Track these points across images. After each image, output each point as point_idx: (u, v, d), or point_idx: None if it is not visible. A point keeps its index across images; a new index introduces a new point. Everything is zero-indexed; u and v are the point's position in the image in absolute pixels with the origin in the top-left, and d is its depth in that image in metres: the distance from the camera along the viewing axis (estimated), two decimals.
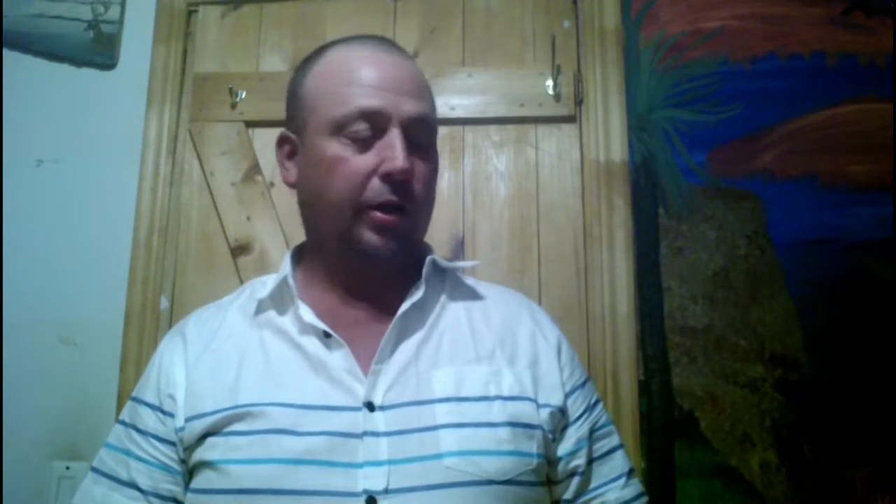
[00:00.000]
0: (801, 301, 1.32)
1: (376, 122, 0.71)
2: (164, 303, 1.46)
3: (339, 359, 0.71)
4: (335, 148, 0.71)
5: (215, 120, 1.51)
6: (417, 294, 0.75)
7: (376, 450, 0.66)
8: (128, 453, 0.74)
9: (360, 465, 0.65)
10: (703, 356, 1.32)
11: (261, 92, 1.51)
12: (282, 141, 0.80)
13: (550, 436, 0.74)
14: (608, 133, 1.42)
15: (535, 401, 0.74)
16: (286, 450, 0.65)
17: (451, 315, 0.78)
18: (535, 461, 0.70)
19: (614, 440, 0.82)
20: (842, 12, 1.41)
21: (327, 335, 0.72)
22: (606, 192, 1.40)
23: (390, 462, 0.66)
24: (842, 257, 1.32)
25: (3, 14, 1.57)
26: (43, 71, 1.58)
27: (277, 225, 1.46)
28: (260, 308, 0.78)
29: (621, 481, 0.80)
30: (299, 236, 1.44)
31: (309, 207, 0.77)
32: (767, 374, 1.30)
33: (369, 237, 0.71)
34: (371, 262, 0.73)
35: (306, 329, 0.73)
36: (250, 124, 1.50)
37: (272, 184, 1.49)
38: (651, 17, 1.46)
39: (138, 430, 0.74)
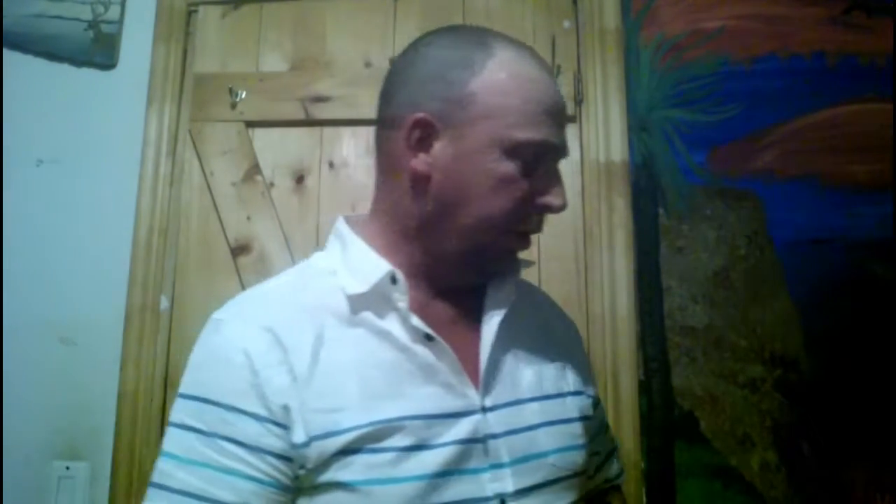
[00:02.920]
0: (801, 301, 1.32)
1: (548, 153, 0.69)
2: (164, 303, 1.46)
3: (447, 362, 0.68)
4: (508, 167, 0.66)
5: (215, 120, 1.51)
6: (512, 297, 0.74)
7: (498, 452, 0.66)
8: (232, 472, 0.61)
9: (485, 470, 0.65)
10: (703, 356, 1.32)
11: (261, 92, 1.51)
12: (419, 124, 0.68)
13: (593, 424, 0.79)
14: (608, 133, 1.42)
15: (585, 393, 0.78)
16: (425, 464, 0.63)
17: (524, 311, 0.77)
18: (589, 450, 0.76)
19: (604, 417, 0.90)
20: (842, 12, 1.41)
21: (429, 338, 0.68)
22: (606, 192, 1.40)
23: (511, 463, 0.66)
24: (842, 257, 1.32)
25: (3, 14, 1.57)
26: (43, 71, 1.58)
27: (277, 225, 1.46)
28: (355, 307, 0.69)
29: (614, 457, 0.90)
30: (299, 236, 1.45)
31: (441, 207, 0.69)
32: (767, 374, 1.30)
33: (503, 257, 0.72)
34: (486, 276, 0.73)
35: (409, 331, 0.68)
36: (250, 124, 1.50)
37: (272, 184, 1.49)
38: (651, 17, 1.46)
39: (240, 444, 0.62)
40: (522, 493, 0.66)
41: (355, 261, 0.71)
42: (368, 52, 1.52)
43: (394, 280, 0.68)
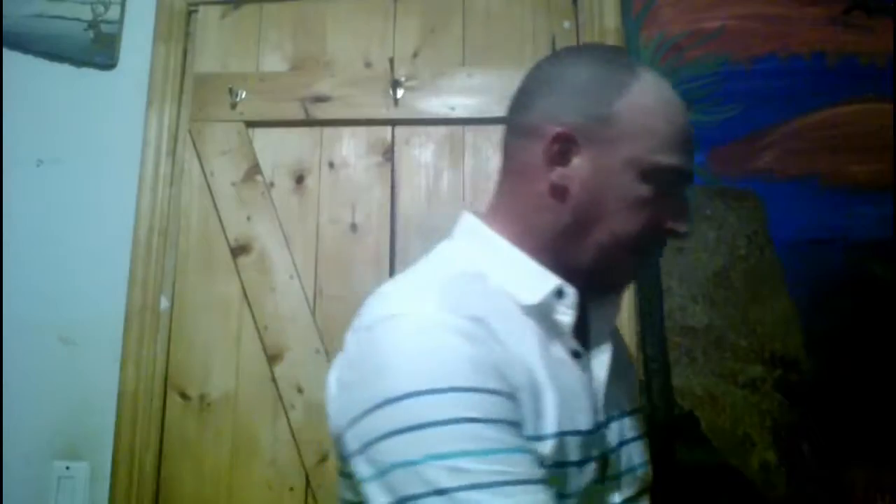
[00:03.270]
0: (801, 301, 1.32)
1: (679, 182, 0.70)
2: (164, 303, 1.46)
3: (587, 378, 0.70)
4: (644, 190, 0.67)
5: (215, 120, 1.51)
6: (618, 314, 0.79)
7: (617, 464, 0.70)
8: (517, 450, 0.58)
9: (607, 481, 0.68)
10: (703, 356, 1.32)
11: (261, 92, 1.51)
12: (560, 138, 0.68)
13: None
14: None
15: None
16: (582, 478, 0.64)
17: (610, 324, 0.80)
18: None
19: None
20: (842, 12, 1.41)
21: (576, 354, 0.69)
22: None
23: (621, 475, 0.71)
24: (842, 257, 1.32)
25: (3, 14, 1.57)
26: (43, 71, 1.58)
27: (277, 225, 1.46)
28: (525, 314, 0.67)
29: None
30: (299, 236, 1.45)
31: (576, 222, 0.69)
32: (767, 374, 1.30)
33: (622, 277, 0.74)
34: (604, 292, 0.74)
35: (565, 345, 0.69)
36: (250, 124, 1.50)
37: (272, 184, 1.49)
38: (651, 17, 1.46)
39: (511, 423, 0.59)
40: (628, 501, 0.71)
41: (516, 268, 0.69)
42: (368, 52, 1.52)
43: (559, 294, 0.68)
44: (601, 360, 0.71)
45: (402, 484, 0.55)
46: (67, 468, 1.40)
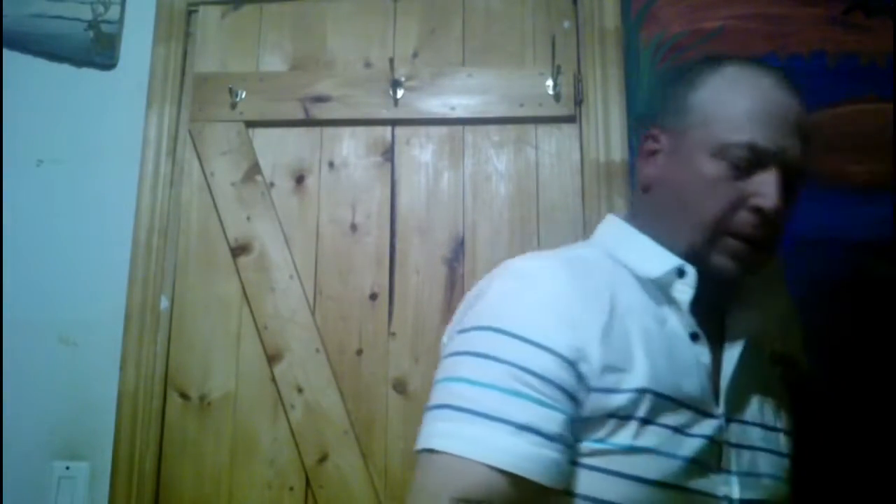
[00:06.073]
0: (801, 301, 1.32)
1: (761, 157, 0.70)
2: (164, 303, 1.46)
3: (704, 365, 0.72)
4: (716, 169, 0.71)
5: (215, 120, 1.51)
6: (756, 324, 0.78)
7: (729, 460, 0.71)
8: (521, 395, 0.62)
9: (717, 472, 0.70)
10: None
11: (261, 92, 1.51)
12: (649, 137, 0.79)
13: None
14: (608, 133, 1.41)
15: (791, 435, 0.82)
16: (684, 448, 0.67)
17: (764, 337, 0.84)
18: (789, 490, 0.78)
19: None
20: (842, 12, 1.41)
21: (695, 337, 0.73)
22: (606, 192, 1.40)
23: (738, 473, 0.71)
24: (842, 257, 1.32)
25: (3, 14, 1.57)
26: (43, 71, 1.58)
27: (277, 225, 1.46)
28: (642, 287, 0.74)
29: None
30: (299, 236, 1.45)
31: (664, 213, 0.76)
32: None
33: (721, 261, 0.72)
34: (712, 281, 0.74)
35: (683, 325, 0.73)
36: (250, 124, 1.50)
37: (272, 184, 1.49)
38: (651, 17, 1.46)
39: (534, 374, 0.64)
40: (747, 503, 0.70)
41: (642, 249, 0.76)
42: (368, 52, 1.52)
43: (680, 274, 0.72)
44: (730, 355, 0.74)
45: (432, 397, 0.67)
46: (67, 468, 1.40)
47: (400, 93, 1.47)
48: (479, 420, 0.61)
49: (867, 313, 1.30)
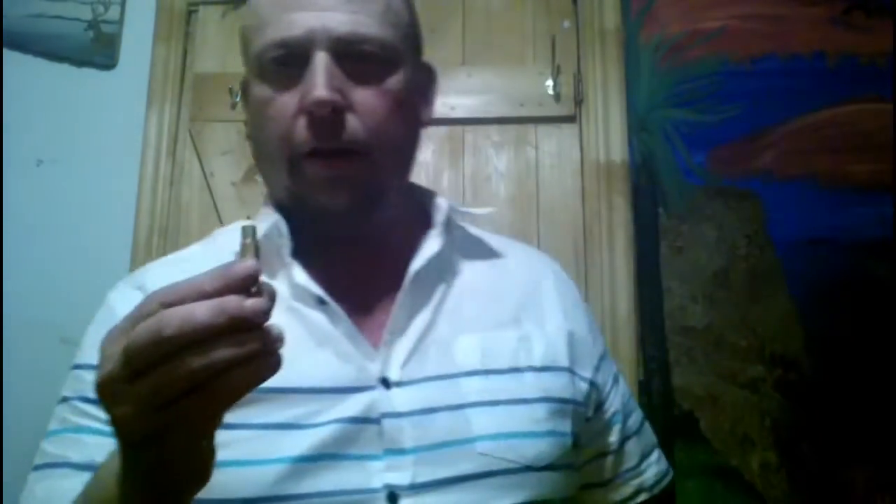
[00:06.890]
0: (801, 301, 1.32)
1: (299, 53, 0.56)
2: None
3: (341, 329, 0.58)
4: (259, 89, 0.59)
5: (215, 120, 1.51)
6: (433, 248, 0.62)
7: (398, 436, 0.55)
8: (79, 430, 0.58)
9: (377, 457, 0.54)
10: (703, 356, 1.32)
11: None
12: (242, 89, 0.66)
13: (585, 412, 0.65)
14: (608, 133, 1.41)
15: (570, 370, 0.64)
16: (294, 446, 0.53)
17: (469, 271, 0.66)
18: (570, 442, 0.61)
19: (640, 412, 0.76)
20: (842, 12, 1.41)
21: (322, 302, 0.58)
22: (606, 192, 1.40)
23: (416, 450, 0.55)
24: (842, 257, 1.32)
25: (3, 14, 1.57)
26: (43, 71, 1.58)
27: None
28: None
29: (655, 455, 0.75)
30: None
31: (260, 168, 0.64)
32: (767, 374, 1.30)
33: (310, 193, 0.58)
34: (325, 222, 0.60)
35: (301, 294, 0.59)
36: None
37: None
38: (651, 17, 1.46)
39: (90, 400, 0.58)
40: (427, 486, 0.54)
41: (262, 220, 0.62)
42: None
43: (279, 232, 0.60)
44: (395, 308, 0.59)
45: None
46: None
47: None
48: (45, 472, 0.62)
49: (867, 313, 1.30)
